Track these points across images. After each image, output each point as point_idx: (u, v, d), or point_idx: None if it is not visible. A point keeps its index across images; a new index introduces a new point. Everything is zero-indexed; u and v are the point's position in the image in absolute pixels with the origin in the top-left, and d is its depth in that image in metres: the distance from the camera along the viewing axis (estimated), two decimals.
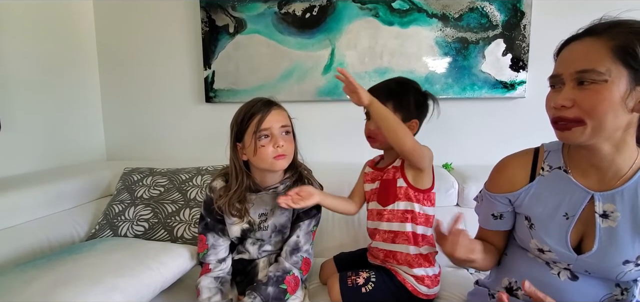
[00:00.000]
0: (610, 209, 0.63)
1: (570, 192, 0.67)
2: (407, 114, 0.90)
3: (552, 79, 0.65)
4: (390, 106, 0.87)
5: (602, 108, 0.56)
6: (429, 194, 0.92)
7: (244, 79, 1.58)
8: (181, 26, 1.63)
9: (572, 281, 0.68)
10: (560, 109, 0.61)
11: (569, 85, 0.60)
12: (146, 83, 1.71)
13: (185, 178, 1.34)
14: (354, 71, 1.51)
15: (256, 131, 0.85)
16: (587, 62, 0.57)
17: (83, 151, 1.68)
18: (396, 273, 0.93)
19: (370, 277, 0.93)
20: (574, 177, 0.67)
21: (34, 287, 0.75)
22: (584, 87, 0.58)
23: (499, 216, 0.78)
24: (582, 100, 0.58)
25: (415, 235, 0.91)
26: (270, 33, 1.54)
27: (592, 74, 0.56)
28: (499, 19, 1.41)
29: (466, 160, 1.51)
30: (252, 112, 0.86)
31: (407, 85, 0.93)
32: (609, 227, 0.63)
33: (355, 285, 0.92)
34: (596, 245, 0.64)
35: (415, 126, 0.92)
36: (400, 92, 0.91)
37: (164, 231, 1.20)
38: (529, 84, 1.43)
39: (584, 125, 0.58)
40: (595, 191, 0.65)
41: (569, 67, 0.60)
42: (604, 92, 0.56)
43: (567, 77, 0.60)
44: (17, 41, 1.37)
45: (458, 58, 1.46)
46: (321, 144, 1.57)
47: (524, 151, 0.77)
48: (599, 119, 0.57)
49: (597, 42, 0.57)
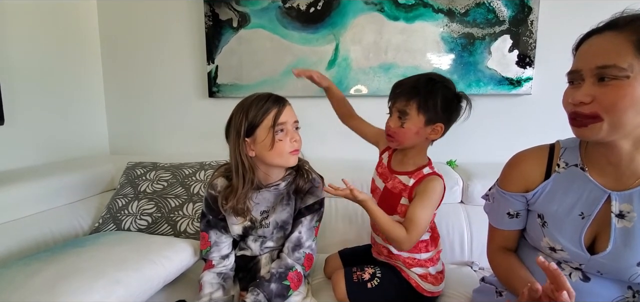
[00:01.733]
0: (627, 209, 0.62)
1: (586, 191, 0.65)
2: (432, 116, 0.81)
3: (570, 75, 0.62)
4: (414, 105, 0.81)
5: (623, 105, 0.54)
6: None
7: (248, 74, 1.57)
8: (184, 20, 1.62)
9: (583, 281, 0.67)
10: (579, 105, 0.58)
11: (589, 81, 0.58)
12: (149, 77, 1.71)
13: (189, 173, 1.33)
14: (359, 66, 1.50)
15: (274, 125, 0.84)
16: (608, 58, 0.55)
17: (86, 145, 1.68)
18: (401, 270, 0.92)
19: (376, 273, 0.92)
20: (590, 176, 0.65)
21: (37, 280, 0.75)
22: (605, 84, 0.55)
23: (516, 214, 0.75)
24: (602, 96, 0.56)
25: (418, 241, 0.88)
26: (274, 27, 1.52)
27: (614, 69, 0.54)
28: (506, 15, 1.39)
29: (471, 157, 1.50)
30: (266, 107, 0.85)
31: (436, 84, 0.82)
32: (624, 227, 0.62)
33: (360, 280, 0.91)
34: (611, 245, 0.62)
35: (439, 130, 0.83)
36: (428, 91, 0.81)
37: (167, 226, 1.20)
38: (535, 81, 1.41)
39: (600, 122, 0.57)
40: (612, 190, 0.63)
41: (589, 62, 0.57)
42: (625, 88, 0.53)
43: (587, 72, 0.58)
44: (21, 35, 1.37)
45: (464, 54, 1.44)
46: (325, 140, 1.56)
47: (538, 147, 0.74)
48: (619, 116, 0.55)
49: (619, 36, 0.55)
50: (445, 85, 0.83)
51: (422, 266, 0.91)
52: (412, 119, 0.82)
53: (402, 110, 0.83)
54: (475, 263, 1.17)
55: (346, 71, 1.51)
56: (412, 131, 0.83)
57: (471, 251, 1.20)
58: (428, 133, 0.84)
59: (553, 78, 1.34)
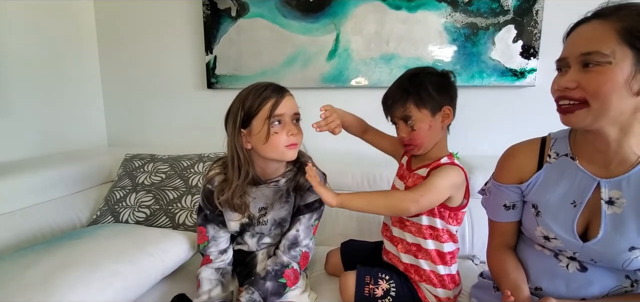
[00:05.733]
0: (616, 196, 0.63)
1: (577, 180, 0.67)
2: (435, 104, 0.79)
3: (558, 63, 0.65)
4: (411, 105, 0.79)
5: (605, 90, 0.55)
6: (457, 212, 0.82)
7: (247, 64, 1.55)
8: (182, 9, 1.59)
9: (581, 272, 0.67)
10: (564, 91, 0.60)
11: (575, 68, 0.60)
12: (147, 68, 1.68)
13: (187, 165, 1.32)
14: (360, 57, 1.48)
15: (270, 117, 0.79)
16: (592, 44, 0.56)
17: (84, 136, 1.66)
18: (418, 289, 0.86)
19: (390, 290, 0.85)
20: (580, 164, 0.67)
21: (33, 272, 0.74)
22: (589, 70, 0.57)
23: (512, 205, 0.76)
24: (586, 82, 0.57)
25: (442, 253, 0.83)
26: (274, 17, 1.49)
27: (596, 55, 0.56)
28: (511, 4, 1.36)
29: (473, 150, 1.48)
30: (264, 96, 0.80)
31: (420, 75, 0.81)
32: (614, 213, 0.63)
33: (371, 295, 0.85)
34: (602, 231, 0.64)
35: (449, 114, 0.80)
36: (416, 86, 0.80)
37: (166, 218, 1.19)
38: (539, 72, 1.39)
39: (587, 107, 0.58)
40: (601, 178, 0.64)
41: (575, 49, 0.59)
42: (607, 73, 0.55)
43: (573, 60, 0.60)
44: (17, 25, 1.34)
45: (467, 44, 1.41)
46: (325, 133, 1.54)
47: (531, 140, 0.76)
48: (603, 102, 0.56)
49: (604, 24, 0.56)
50: (428, 71, 0.83)
51: (445, 287, 0.84)
52: (418, 118, 0.80)
53: (404, 116, 0.81)
54: (476, 257, 1.16)
55: (347, 62, 1.49)
56: (424, 129, 0.80)
57: (472, 244, 1.19)
58: (441, 121, 0.81)
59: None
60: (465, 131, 1.49)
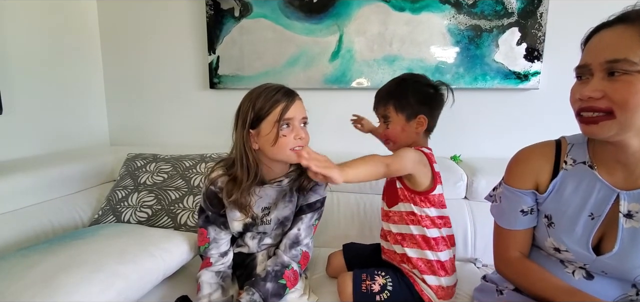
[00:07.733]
0: (636, 209, 0.60)
1: (595, 190, 0.64)
2: (411, 111, 0.87)
3: (579, 70, 0.60)
4: (391, 107, 0.89)
5: (634, 101, 0.52)
6: (427, 196, 0.86)
7: (249, 65, 1.55)
8: (185, 9, 1.59)
9: (587, 280, 0.66)
10: (587, 101, 0.57)
11: (598, 76, 0.56)
12: (150, 68, 1.68)
13: (189, 165, 1.32)
14: (363, 58, 1.47)
15: (280, 119, 0.81)
16: (619, 51, 0.53)
17: (86, 135, 1.66)
18: (414, 282, 0.88)
19: (386, 285, 0.87)
20: (599, 174, 0.63)
21: (35, 272, 0.74)
22: (615, 79, 0.54)
23: (529, 210, 0.72)
24: (613, 92, 0.54)
25: (427, 238, 0.86)
26: (277, 17, 1.49)
27: (624, 63, 0.52)
28: (515, 7, 1.35)
29: (476, 152, 1.48)
30: (275, 99, 0.82)
31: (407, 83, 0.89)
32: (632, 227, 0.60)
33: (369, 291, 0.87)
34: (618, 246, 0.61)
35: (423, 122, 0.87)
36: (399, 92, 0.89)
37: (168, 218, 1.19)
38: (543, 75, 1.38)
39: (613, 119, 0.55)
40: (621, 189, 0.61)
41: (599, 56, 0.56)
42: (636, 83, 0.52)
43: (596, 67, 0.56)
44: (20, 24, 1.34)
45: (470, 47, 1.41)
46: (328, 133, 1.54)
47: (543, 143, 0.72)
48: (631, 113, 0.53)
49: (630, 29, 0.53)
50: (416, 81, 0.90)
51: (435, 273, 0.86)
52: (393, 119, 0.89)
53: (384, 115, 0.91)
54: (478, 260, 1.15)
55: (350, 63, 1.48)
56: (397, 130, 0.90)
57: (475, 247, 1.18)
58: (414, 127, 0.88)
59: (561, 73, 1.31)
60: (468, 133, 1.49)
